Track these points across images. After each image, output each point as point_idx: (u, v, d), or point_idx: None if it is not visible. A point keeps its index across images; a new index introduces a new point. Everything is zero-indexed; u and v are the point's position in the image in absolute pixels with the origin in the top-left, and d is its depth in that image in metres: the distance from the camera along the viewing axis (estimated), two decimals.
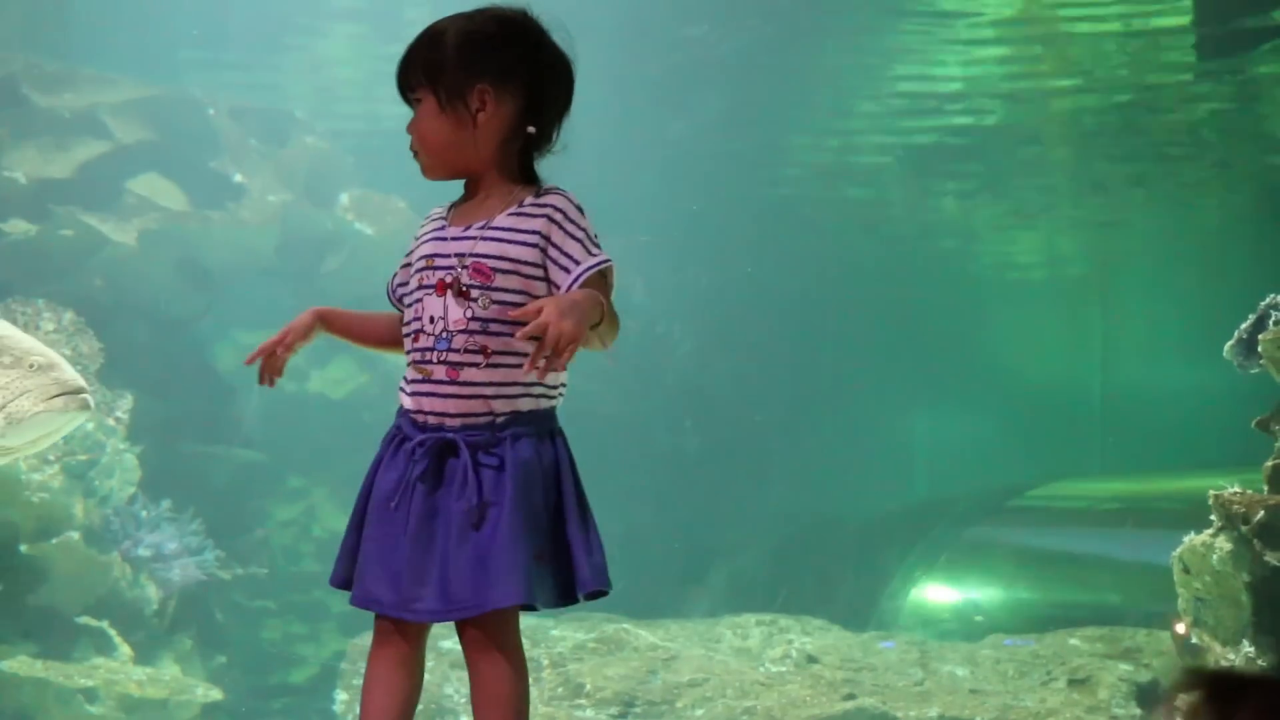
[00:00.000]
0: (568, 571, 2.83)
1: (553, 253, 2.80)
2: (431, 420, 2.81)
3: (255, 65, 13.73)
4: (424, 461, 2.79)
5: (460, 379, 2.79)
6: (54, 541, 8.37)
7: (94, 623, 8.46)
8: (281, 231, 11.43)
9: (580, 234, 2.82)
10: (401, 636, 2.86)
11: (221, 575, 9.42)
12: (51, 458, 8.67)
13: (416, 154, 2.90)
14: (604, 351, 2.89)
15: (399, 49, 2.95)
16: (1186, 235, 17.95)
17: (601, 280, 2.83)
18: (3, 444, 4.07)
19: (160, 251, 10.72)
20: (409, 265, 2.94)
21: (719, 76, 13.40)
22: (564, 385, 2.91)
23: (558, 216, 2.82)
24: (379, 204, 11.73)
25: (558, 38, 2.91)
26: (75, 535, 8.44)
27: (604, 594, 2.89)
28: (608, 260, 2.83)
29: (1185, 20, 11.74)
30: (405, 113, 2.94)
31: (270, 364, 2.95)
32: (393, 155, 3.02)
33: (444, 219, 2.92)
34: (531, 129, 2.87)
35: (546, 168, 2.94)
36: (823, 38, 12.94)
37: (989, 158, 15.39)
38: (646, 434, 13.87)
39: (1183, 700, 1.47)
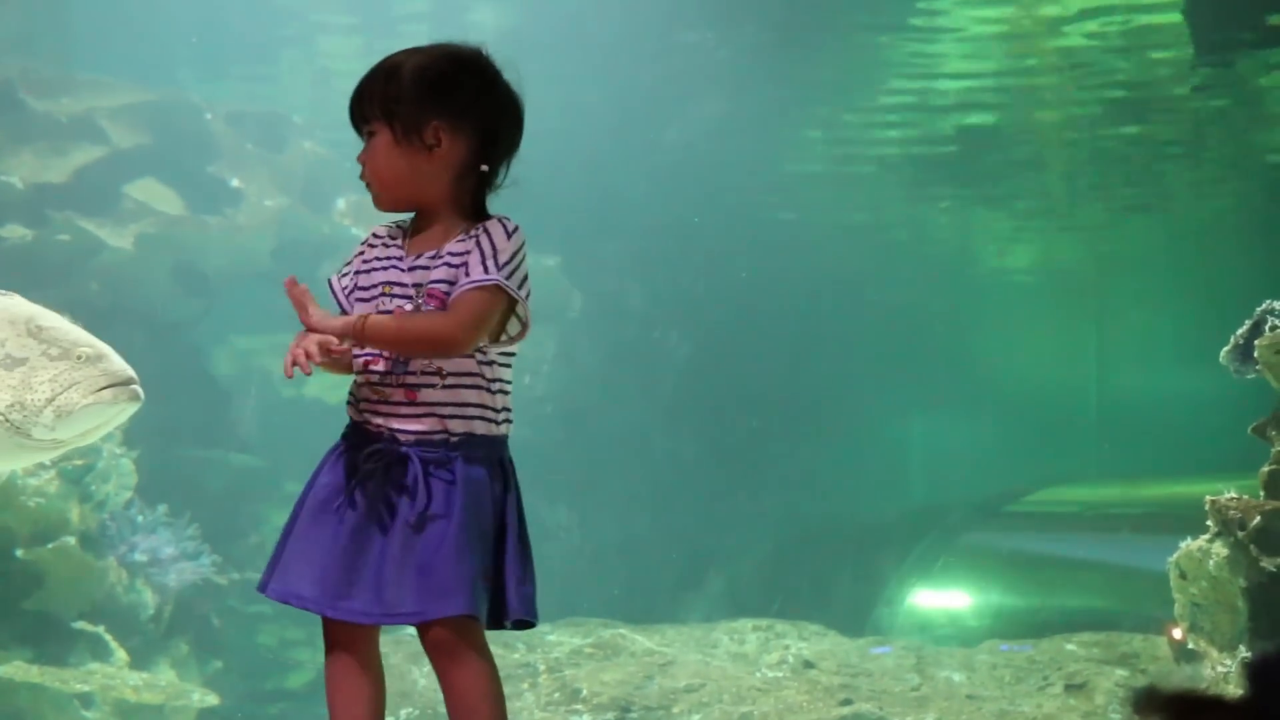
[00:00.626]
0: (501, 596, 2.85)
1: (464, 267, 2.84)
2: (385, 433, 2.84)
3: (253, 70, 13.75)
4: (372, 468, 2.81)
5: (418, 399, 2.84)
6: (50, 546, 8.36)
7: (90, 628, 8.45)
8: (278, 236, 11.43)
9: (491, 254, 2.84)
10: (351, 641, 2.88)
11: (218, 580, 9.41)
12: (48, 462, 8.66)
13: (368, 185, 2.95)
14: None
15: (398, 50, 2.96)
16: (1182, 241, 17.97)
17: (492, 297, 2.81)
18: (53, 437, 4.02)
19: (157, 256, 10.72)
20: (350, 274, 2.98)
21: (716, 82, 13.42)
22: (509, 410, 2.93)
23: (482, 238, 2.86)
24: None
25: (510, 78, 2.95)
26: (71, 540, 8.43)
27: (530, 625, 2.91)
28: (493, 280, 2.81)
29: (1179, 19, 11.75)
30: None
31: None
32: None
33: (399, 245, 2.95)
34: (485, 167, 2.92)
35: (508, 197, 2.97)
36: (819, 44, 12.96)
37: (985, 164, 15.41)
38: (643, 440, 13.87)
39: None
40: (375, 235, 3.02)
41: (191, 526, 9.19)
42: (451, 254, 2.86)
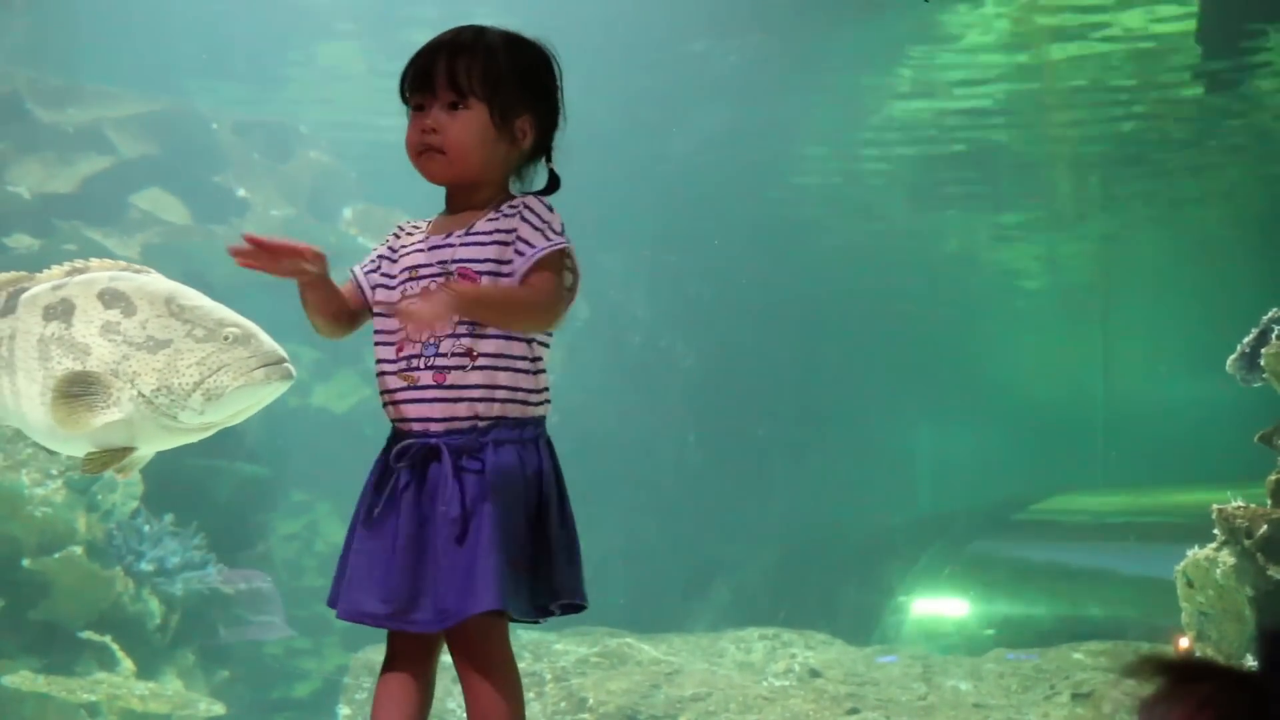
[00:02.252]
0: (546, 581, 2.83)
1: (518, 244, 2.82)
2: (416, 427, 2.81)
3: (259, 80, 13.77)
4: (408, 470, 2.79)
5: (446, 382, 2.79)
6: (57, 556, 8.37)
7: (96, 637, 8.45)
8: None
9: (542, 225, 2.84)
10: (413, 654, 2.84)
11: (224, 589, 9.41)
12: (55, 472, 8.67)
13: (428, 150, 2.86)
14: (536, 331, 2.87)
15: (404, 63, 2.94)
16: (1189, 249, 17.97)
17: (556, 265, 2.83)
18: (201, 421, 3.95)
19: (163, 266, 10.68)
20: (376, 265, 2.97)
21: (721, 92, 13.43)
22: (548, 391, 2.90)
23: (526, 213, 2.85)
24: (382, 218, 11.75)
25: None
26: (78, 550, 8.44)
27: (580, 608, 2.88)
28: (563, 242, 2.83)
29: (1187, 31, 11.76)
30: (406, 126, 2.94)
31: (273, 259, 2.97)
32: (396, 170, 3.02)
33: (422, 231, 2.94)
34: (551, 165, 2.93)
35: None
36: (824, 53, 12.97)
37: (991, 173, 15.42)
38: (649, 448, 13.87)
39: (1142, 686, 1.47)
40: (400, 227, 3.00)
41: (198, 536, 9.19)
42: (485, 232, 2.83)
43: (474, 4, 12.48)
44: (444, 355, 2.79)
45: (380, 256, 2.98)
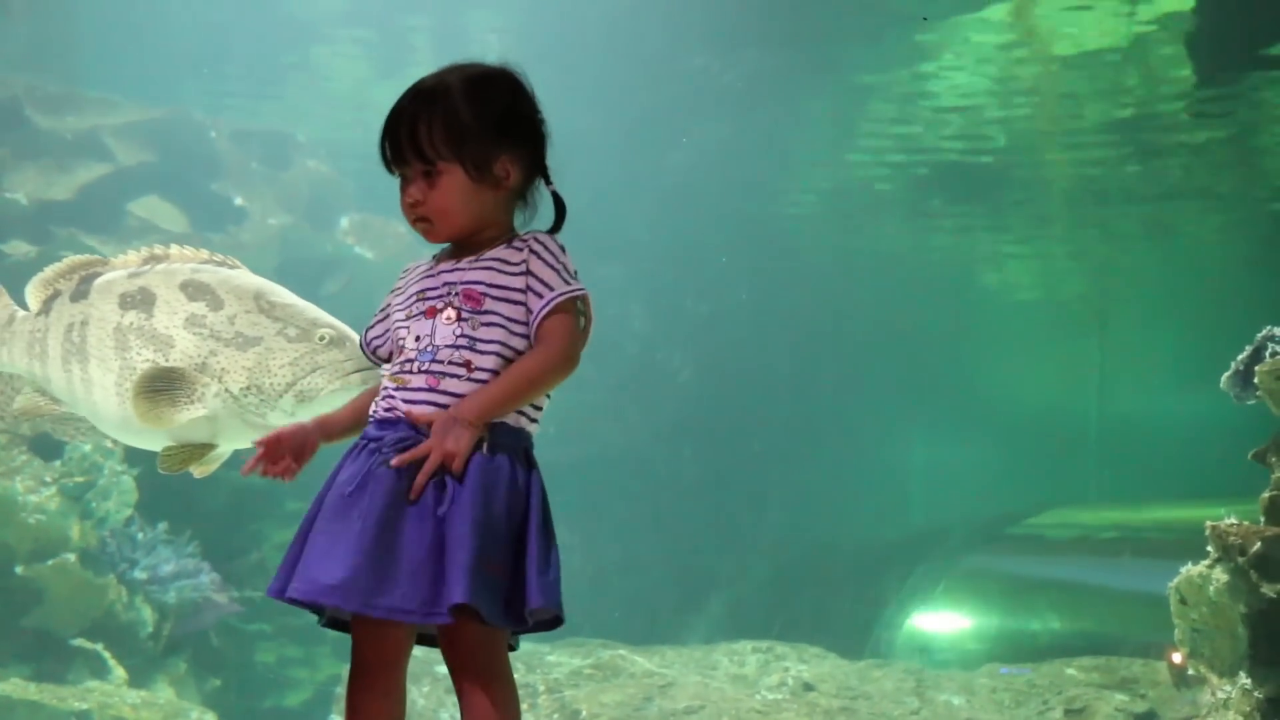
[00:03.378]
0: (522, 590, 2.75)
1: (532, 281, 2.83)
2: (399, 415, 2.79)
3: (257, 89, 13.79)
4: (390, 453, 2.74)
5: (439, 388, 2.78)
6: (50, 564, 8.36)
7: (89, 645, 8.44)
8: (281, 254, 11.44)
9: (558, 266, 2.86)
10: (383, 662, 2.81)
11: (217, 598, 9.40)
12: (49, 479, 8.66)
13: (420, 221, 2.88)
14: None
15: (402, 74, 2.95)
16: (1183, 266, 18.00)
17: (573, 308, 2.85)
18: (291, 421, 3.90)
19: None
20: (385, 318, 2.96)
21: (720, 107, 13.46)
22: (540, 410, 2.90)
23: (539, 249, 2.86)
24: (379, 228, 11.76)
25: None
26: (71, 557, 8.43)
27: (558, 621, 2.82)
28: (581, 289, 2.86)
29: (1181, 48, 11.80)
30: None
31: (276, 463, 2.94)
32: (393, 181, 3.02)
33: (429, 265, 2.95)
34: (551, 187, 2.92)
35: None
36: (822, 70, 13.01)
37: (987, 188, 15.45)
38: (645, 461, 13.88)
39: None
40: (405, 270, 3.00)
41: (191, 544, 9.19)
42: (500, 261, 2.84)
43: (470, 16, 12.53)
44: (440, 363, 2.80)
45: (384, 307, 2.99)
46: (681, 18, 12.12)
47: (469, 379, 2.78)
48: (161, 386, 3.93)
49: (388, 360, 2.96)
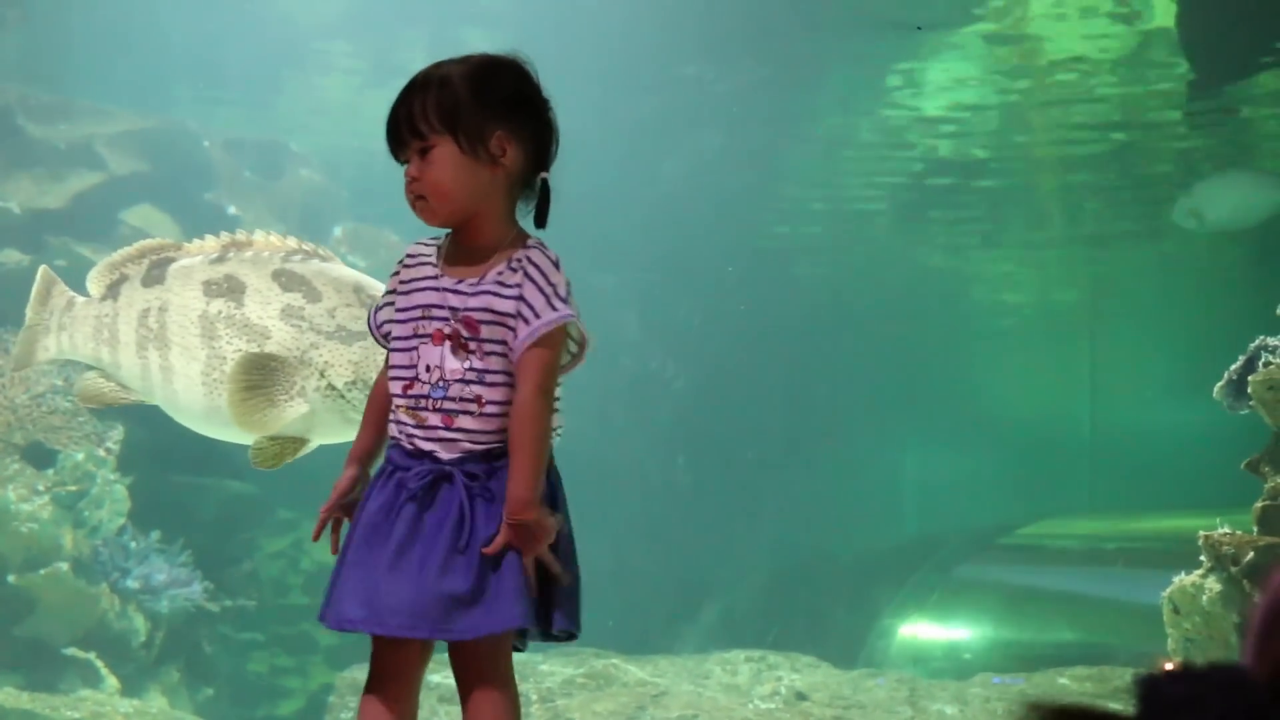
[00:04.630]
0: (544, 604, 2.84)
1: (522, 307, 2.82)
2: (425, 447, 2.82)
3: (251, 98, 13.78)
4: (416, 487, 2.79)
5: (455, 425, 2.81)
6: (42, 572, 8.35)
7: (81, 654, 8.43)
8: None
9: (549, 288, 2.83)
10: (399, 674, 2.83)
11: (210, 607, 9.38)
12: (41, 488, 8.65)
13: (418, 199, 2.85)
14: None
15: (395, 83, 2.95)
16: (1176, 275, 18.02)
17: (559, 338, 2.85)
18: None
19: None
20: (392, 304, 2.95)
21: (714, 116, 13.47)
22: (562, 426, 2.94)
23: (532, 271, 2.84)
24: (372, 237, 11.75)
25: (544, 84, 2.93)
26: (64, 566, 8.42)
27: (572, 636, 2.89)
28: (569, 315, 2.84)
29: (1172, 53, 11.82)
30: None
31: (337, 528, 2.96)
32: (386, 188, 3.02)
33: (434, 264, 2.92)
34: (545, 175, 2.89)
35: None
36: (817, 80, 13.03)
37: (980, 197, 15.47)
38: (639, 470, 13.87)
39: None
40: (410, 255, 2.97)
41: (184, 553, 9.17)
42: (498, 284, 2.83)
43: (464, 26, 12.54)
44: (452, 400, 2.81)
45: (392, 292, 2.97)
46: (675, 27, 12.13)
47: (481, 414, 2.80)
48: (259, 379, 3.86)
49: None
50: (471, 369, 2.80)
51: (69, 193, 10.79)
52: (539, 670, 8.85)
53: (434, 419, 2.81)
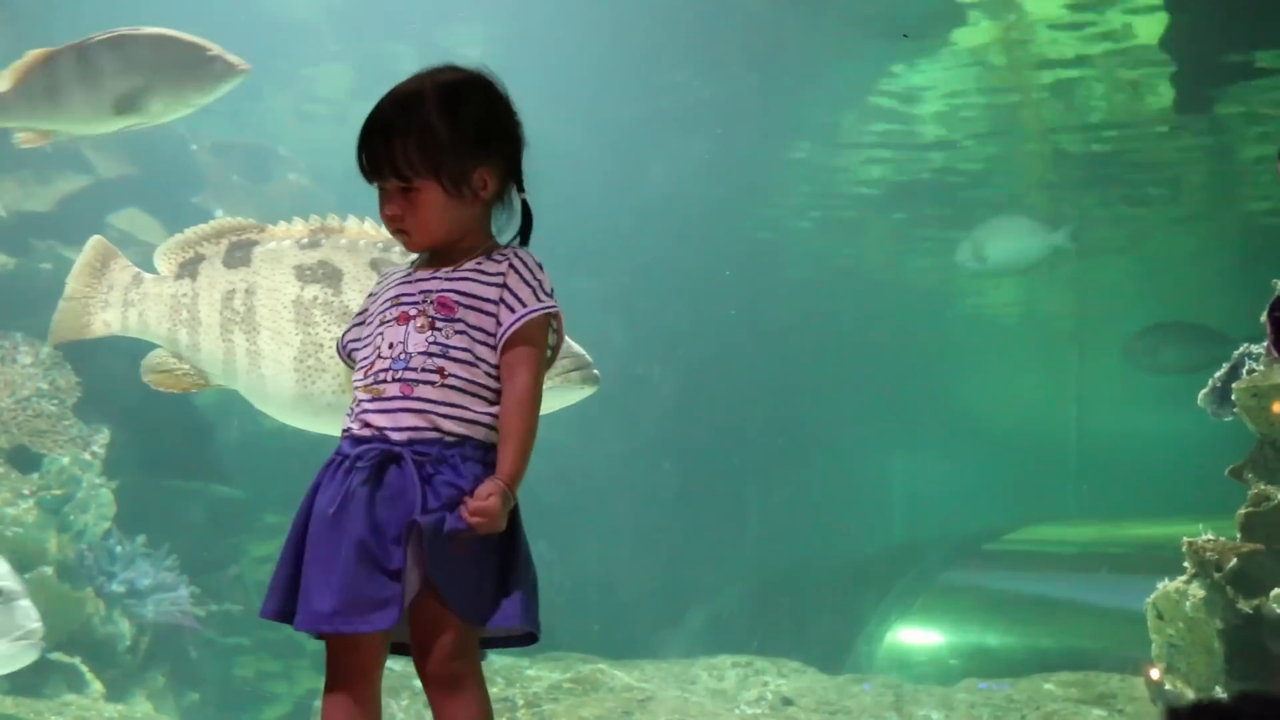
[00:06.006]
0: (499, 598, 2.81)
1: (506, 294, 2.86)
2: (372, 432, 2.81)
3: (239, 102, 13.76)
4: (365, 471, 2.76)
5: (413, 394, 2.80)
6: (27, 577, 8.30)
7: (66, 659, 8.40)
8: None
9: (534, 282, 2.89)
10: (358, 673, 2.82)
11: (196, 612, 9.36)
12: (26, 492, 8.63)
13: (400, 231, 2.91)
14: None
15: (383, 87, 2.95)
16: (1162, 283, 18.08)
17: (540, 334, 2.88)
18: None
19: None
20: (364, 323, 2.97)
21: (701, 121, 13.49)
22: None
23: (518, 264, 2.89)
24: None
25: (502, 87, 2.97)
26: (49, 570, 8.39)
27: (533, 638, 2.87)
28: (553, 306, 2.89)
29: (1160, 62, 11.87)
30: None
31: None
32: (374, 194, 3.03)
33: (406, 271, 2.98)
34: (524, 194, 2.94)
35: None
36: (803, 86, 13.05)
37: (966, 204, 15.51)
38: (625, 475, 13.87)
39: None
40: (384, 276, 3.03)
41: (170, 558, 9.15)
42: (477, 271, 2.87)
43: (453, 31, 12.54)
44: (414, 370, 2.81)
45: (362, 310, 3.02)
46: (662, 33, 12.15)
47: (442, 384, 2.80)
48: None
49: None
50: (436, 343, 2.82)
51: (55, 196, 10.77)
52: (525, 675, 8.85)
53: (392, 389, 2.81)
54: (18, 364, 9.09)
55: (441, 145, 2.84)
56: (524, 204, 2.95)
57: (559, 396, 3.75)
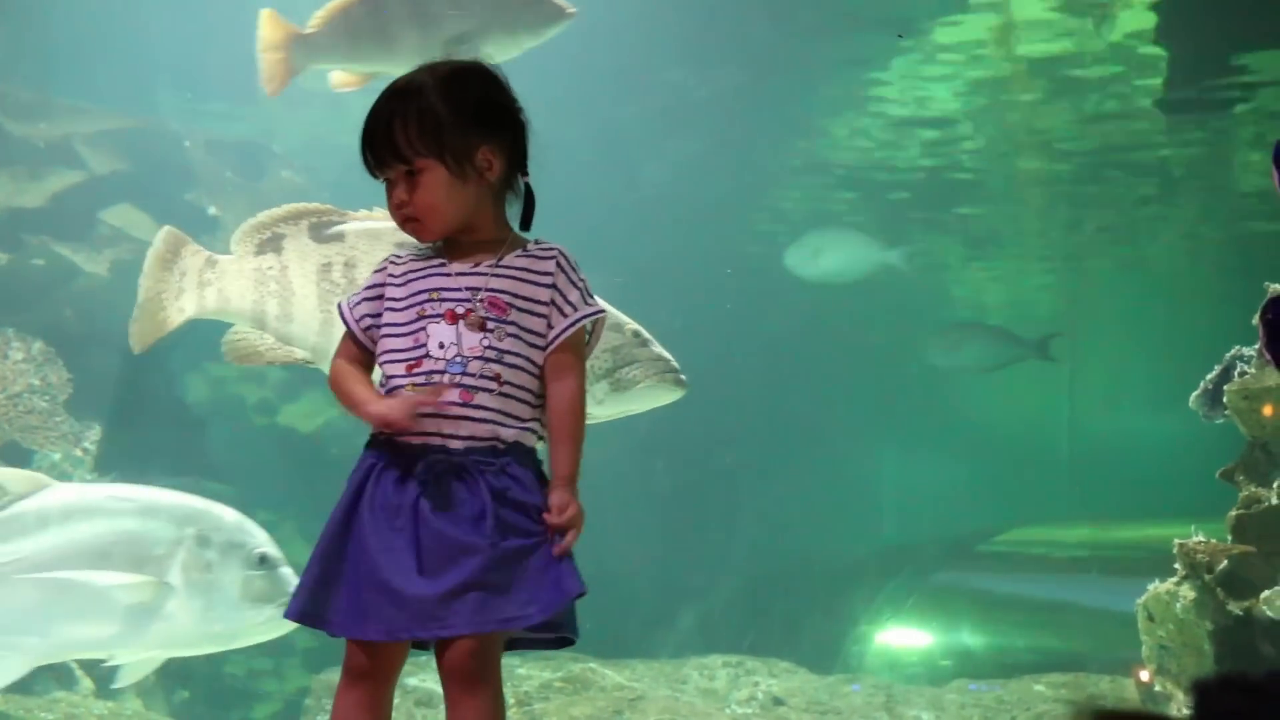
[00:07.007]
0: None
1: (557, 296, 2.87)
2: (433, 441, 2.80)
3: (233, 98, 13.75)
4: (428, 483, 2.77)
5: (473, 402, 2.80)
6: None
7: None
8: None
9: (581, 284, 2.92)
10: (377, 673, 2.82)
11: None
12: None
13: (409, 221, 2.90)
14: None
15: (379, 85, 2.95)
16: (1154, 285, 18.10)
17: (583, 338, 2.92)
18: (598, 410, 3.71)
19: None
20: (378, 298, 2.94)
21: (695, 121, 13.49)
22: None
23: (564, 264, 2.91)
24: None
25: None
26: None
27: (570, 641, 2.89)
28: (601, 311, 2.93)
29: (1155, 67, 11.88)
30: None
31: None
32: (368, 191, 3.04)
33: (430, 258, 2.95)
34: (526, 178, 2.94)
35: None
36: (798, 86, 13.05)
37: (960, 206, 15.52)
38: (617, 475, 13.85)
39: None
40: (397, 258, 2.99)
41: None
42: (515, 268, 2.87)
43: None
44: (471, 375, 2.81)
45: (377, 285, 2.97)
46: (656, 32, 12.14)
47: (499, 392, 2.81)
48: None
49: (373, 343, 2.94)
50: (491, 348, 2.81)
51: (48, 191, 10.75)
52: (516, 674, 8.85)
53: (450, 394, 2.80)
54: (9, 360, 9.07)
55: (442, 123, 2.84)
56: (527, 187, 2.95)
57: (649, 397, 3.78)
